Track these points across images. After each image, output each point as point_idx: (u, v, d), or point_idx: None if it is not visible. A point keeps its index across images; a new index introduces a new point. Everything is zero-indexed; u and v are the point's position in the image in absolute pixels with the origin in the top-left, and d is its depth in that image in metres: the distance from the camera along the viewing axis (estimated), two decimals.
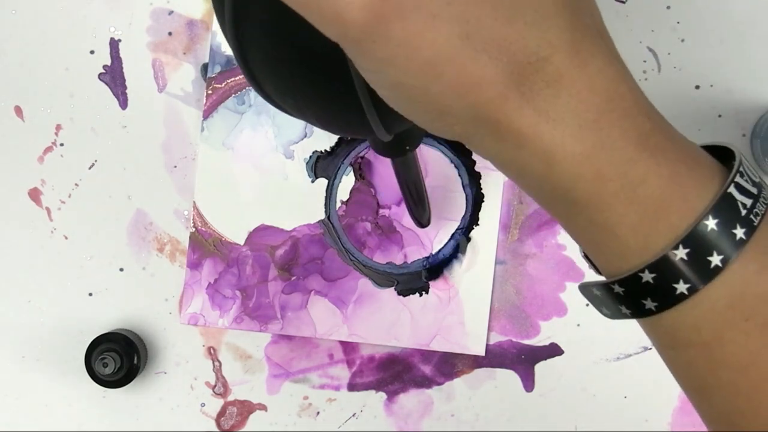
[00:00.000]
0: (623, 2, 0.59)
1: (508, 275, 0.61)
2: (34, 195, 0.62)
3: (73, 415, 0.62)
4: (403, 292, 0.61)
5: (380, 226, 0.61)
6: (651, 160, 0.29)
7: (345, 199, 0.61)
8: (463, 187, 0.61)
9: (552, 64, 0.28)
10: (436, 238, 0.61)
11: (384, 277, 0.61)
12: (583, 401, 0.61)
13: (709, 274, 0.29)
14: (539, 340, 0.61)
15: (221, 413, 0.62)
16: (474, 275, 0.61)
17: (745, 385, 0.30)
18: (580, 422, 0.61)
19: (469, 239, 0.61)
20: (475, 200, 0.61)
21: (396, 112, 0.31)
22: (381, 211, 0.61)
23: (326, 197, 0.61)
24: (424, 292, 0.61)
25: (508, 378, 0.61)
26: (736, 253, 0.29)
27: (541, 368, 0.61)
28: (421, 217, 0.57)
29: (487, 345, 0.61)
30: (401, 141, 0.44)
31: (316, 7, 0.26)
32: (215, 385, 0.62)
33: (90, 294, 0.62)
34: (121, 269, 0.62)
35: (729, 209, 0.29)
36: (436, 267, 0.61)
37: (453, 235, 0.61)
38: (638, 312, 0.31)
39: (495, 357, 0.61)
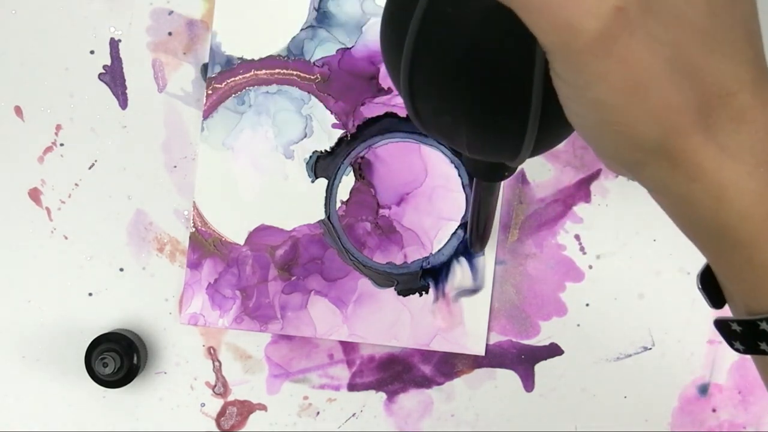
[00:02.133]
0: None
1: (508, 275, 0.61)
2: (34, 195, 0.62)
3: (73, 415, 0.62)
4: (403, 292, 0.61)
5: (380, 226, 0.61)
6: None
7: (345, 199, 0.61)
8: (463, 187, 0.61)
9: (738, 100, 0.28)
10: (436, 238, 0.61)
11: (384, 277, 0.61)
12: (583, 401, 0.61)
13: None
14: (539, 340, 0.61)
15: (221, 413, 0.62)
16: (473, 275, 0.61)
17: None
18: (580, 422, 0.61)
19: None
20: None
21: (547, 137, 0.31)
22: (381, 211, 0.61)
23: (326, 197, 0.61)
24: (424, 292, 0.61)
25: (508, 378, 0.61)
26: None
27: (541, 368, 0.61)
28: (479, 245, 0.57)
29: (487, 345, 0.61)
30: (504, 166, 0.44)
31: (545, 13, 0.27)
32: (215, 385, 0.62)
33: (90, 294, 0.62)
34: (121, 269, 0.62)
35: None
36: (436, 268, 0.61)
37: (453, 235, 0.61)
38: None
39: (495, 357, 0.61)
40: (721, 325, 0.33)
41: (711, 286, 0.34)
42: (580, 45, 0.27)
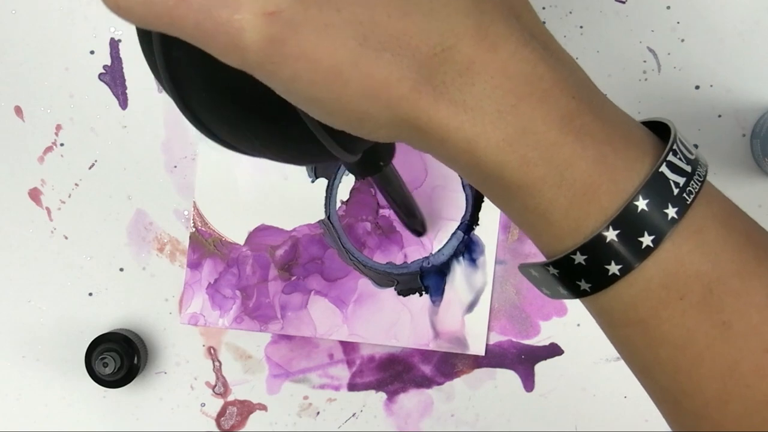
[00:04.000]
0: (623, 2, 0.59)
1: (508, 275, 0.61)
2: (34, 195, 0.62)
3: (73, 415, 0.62)
4: (403, 292, 0.61)
5: (380, 226, 0.61)
6: (576, 143, 0.28)
7: (345, 199, 0.61)
8: (463, 186, 0.61)
9: (460, 53, 0.27)
10: (436, 238, 0.61)
11: (384, 277, 0.61)
12: (583, 401, 0.61)
13: (640, 254, 0.29)
14: (539, 340, 0.61)
15: (221, 413, 0.62)
16: (474, 275, 0.61)
17: (685, 363, 0.30)
18: (580, 422, 0.61)
19: (469, 239, 0.61)
20: (475, 200, 0.61)
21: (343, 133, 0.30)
22: (381, 211, 0.61)
23: (326, 197, 0.61)
24: (424, 292, 0.61)
25: (508, 378, 0.61)
26: (668, 233, 0.29)
27: (541, 368, 0.61)
28: (416, 226, 0.57)
29: (487, 345, 0.61)
30: (373, 157, 0.43)
31: (212, 40, 0.26)
32: (215, 385, 0.62)
33: (90, 294, 0.62)
34: (121, 269, 0.62)
35: (660, 188, 0.29)
36: (436, 268, 0.61)
37: (453, 235, 0.61)
38: (574, 293, 0.31)
39: (495, 357, 0.61)
40: (524, 271, 0.33)
41: None
42: (254, 59, 0.26)
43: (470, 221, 0.61)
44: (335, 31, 0.26)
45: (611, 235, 0.29)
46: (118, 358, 0.59)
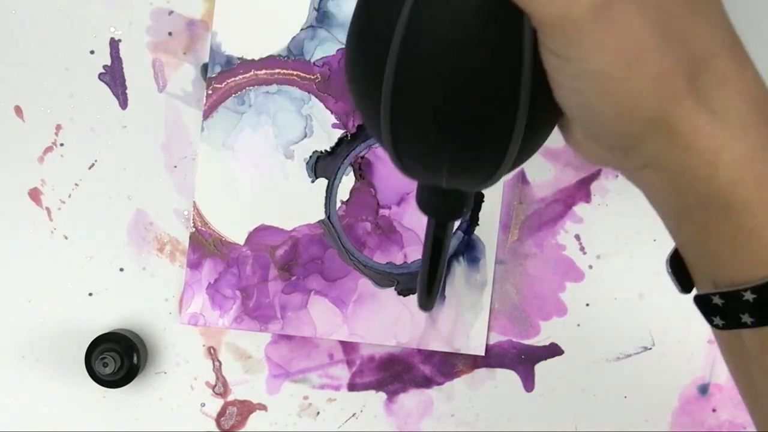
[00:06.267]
0: None
1: (508, 275, 0.61)
2: (34, 195, 0.62)
3: (73, 415, 0.62)
4: (403, 292, 0.61)
5: (380, 226, 0.61)
6: None
7: (345, 199, 0.61)
8: None
9: (721, 62, 0.28)
10: None
11: (384, 277, 0.61)
12: (583, 401, 0.61)
13: None
14: (539, 340, 0.61)
15: (221, 413, 0.62)
16: (474, 275, 0.61)
17: None
18: (580, 422, 0.61)
19: (469, 239, 0.61)
20: (476, 200, 0.61)
21: (528, 146, 0.32)
22: (381, 211, 0.61)
23: (326, 197, 0.61)
24: None
25: (508, 378, 0.61)
26: None
27: (541, 368, 0.61)
28: (428, 302, 0.55)
29: (487, 345, 0.61)
30: (462, 199, 0.42)
31: None
32: (215, 385, 0.62)
33: (90, 294, 0.62)
34: (121, 269, 0.62)
35: None
36: None
37: (453, 234, 0.61)
38: (764, 320, 0.30)
39: (495, 357, 0.61)
40: (701, 300, 0.33)
41: (679, 271, 0.34)
42: (578, 14, 0.27)
43: (470, 221, 0.61)
44: (649, 11, 0.27)
45: None
46: (118, 358, 0.58)
